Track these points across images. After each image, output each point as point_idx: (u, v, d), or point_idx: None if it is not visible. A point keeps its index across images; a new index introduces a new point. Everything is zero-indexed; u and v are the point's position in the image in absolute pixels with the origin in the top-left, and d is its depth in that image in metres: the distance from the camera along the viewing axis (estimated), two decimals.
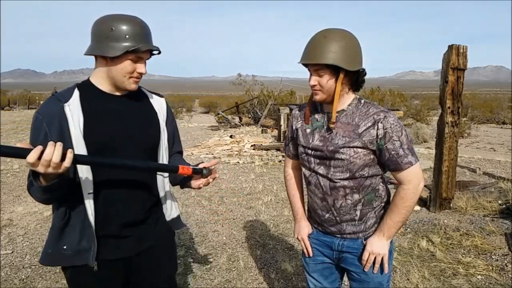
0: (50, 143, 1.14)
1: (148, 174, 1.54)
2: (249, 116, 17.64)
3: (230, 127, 15.68)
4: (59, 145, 1.16)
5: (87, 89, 1.45)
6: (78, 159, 1.22)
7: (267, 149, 9.65)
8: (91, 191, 1.39)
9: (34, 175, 1.21)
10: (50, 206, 1.49)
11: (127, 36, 1.36)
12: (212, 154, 9.20)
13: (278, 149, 9.51)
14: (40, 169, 1.14)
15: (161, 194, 1.61)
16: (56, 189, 1.26)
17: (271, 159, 8.61)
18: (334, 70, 1.47)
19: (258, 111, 17.15)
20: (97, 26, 1.39)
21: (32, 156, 1.11)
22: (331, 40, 1.45)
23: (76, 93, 1.42)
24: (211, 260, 3.54)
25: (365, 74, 1.57)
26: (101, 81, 1.46)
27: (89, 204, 1.39)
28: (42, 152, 1.12)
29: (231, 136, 11.62)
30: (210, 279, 3.18)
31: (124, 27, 1.36)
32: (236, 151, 9.59)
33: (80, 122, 1.37)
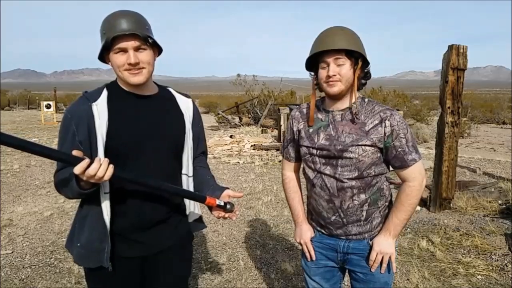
0: (97, 159, 1.20)
1: (172, 174, 1.53)
2: (249, 116, 17.64)
3: (230, 127, 15.68)
4: (106, 161, 1.21)
5: (114, 90, 1.47)
6: (117, 175, 1.26)
7: (267, 149, 9.65)
8: (107, 190, 1.39)
9: (76, 180, 1.26)
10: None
11: (104, 33, 1.36)
12: (212, 154, 9.20)
13: (278, 149, 9.51)
14: (84, 178, 1.20)
15: None
16: (91, 194, 1.33)
17: (271, 159, 8.61)
18: (354, 60, 1.49)
19: (258, 111, 17.14)
20: None
21: (78, 168, 1.17)
22: (348, 31, 1.51)
23: (105, 93, 1.43)
24: (211, 260, 3.54)
25: (370, 75, 1.60)
26: (121, 82, 1.48)
27: (105, 204, 1.39)
28: (88, 165, 1.19)
29: (231, 136, 11.61)
30: (210, 279, 3.18)
31: (102, 25, 1.38)
32: (236, 151, 9.59)
33: (106, 122, 1.38)
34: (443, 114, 4.69)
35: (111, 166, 1.22)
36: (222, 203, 1.50)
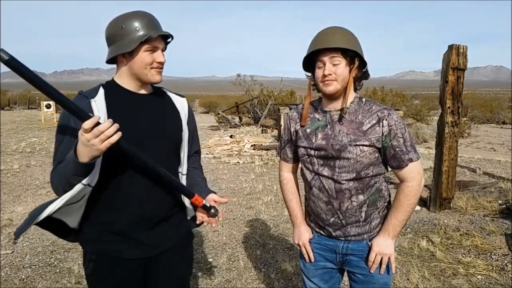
0: (108, 120, 1.19)
1: (171, 172, 1.52)
2: (249, 116, 17.64)
3: (230, 127, 15.68)
4: (116, 125, 1.19)
5: (111, 88, 1.47)
6: (120, 143, 1.24)
7: (267, 149, 9.65)
8: (87, 182, 1.32)
9: (75, 152, 1.23)
10: None
11: (137, 28, 1.38)
12: (212, 154, 9.20)
13: None
14: (89, 136, 1.16)
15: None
16: (88, 173, 1.28)
17: (271, 159, 8.61)
18: (350, 59, 1.49)
19: (258, 111, 17.14)
20: (108, 30, 1.42)
21: (88, 123, 1.15)
22: (345, 31, 1.51)
23: (101, 91, 1.43)
24: (211, 260, 3.54)
25: (368, 75, 1.59)
26: (126, 80, 1.47)
27: (70, 192, 1.32)
28: (96, 124, 1.17)
29: (231, 136, 11.62)
30: (210, 279, 3.18)
31: (132, 21, 1.38)
32: (236, 151, 9.59)
33: (104, 119, 1.36)
34: (443, 114, 4.70)
35: (119, 132, 1.21)
36: (208, 205, 1.52)
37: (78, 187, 1.31)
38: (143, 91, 1.51)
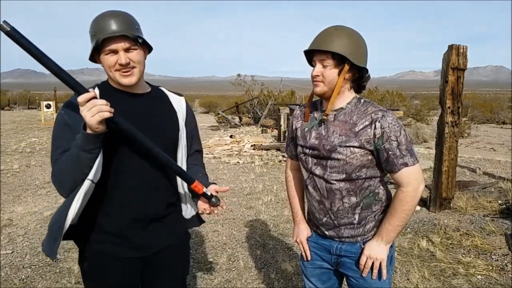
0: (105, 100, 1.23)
1: (168, 172, 1.52)
2: (249, 116, 17.64)
3: (230, 127, 15.68)
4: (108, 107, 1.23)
5: (106, 88, 1.46)
6: (116, 119, 1.27)
7: (267, 149, 9.65)
8: (92, 178, 1.32)
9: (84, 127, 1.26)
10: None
11: (93, 33, 1.36)
12: (212, 154, 9.20)
13: (278, 149, 9.51)
14: (84, 109, 1.20)
15: (180, 192, 1.60)
16: (95, 147, 1.27)
17: (271, 159, 8.61)
18: (339, 62, 1.46)
19: (258, 111, 17.14)
20: None
21: (82, 97, 1.21)
22: (342, 32, 1.47)
23: (96, 91, 1.42)
24: (211, 260, 3.54)
25: (369, 77, 1.56)
26: (111, 81, 1.48)
27: (81, 192, 1.32)
28: (92, 98, 1.21)
29: (231, 136, 11.61)
30: (210, 279, 3.18)
31: (92, 26, 1.38)
32: (236, 151, 9.59)
33: None
34: (443, 114, 4.70)
35: (112, 110, 1.24)
36: (208, 193, 1.51)
37: (86, 184, 1.30)
38: (139, 91, 1.50)
